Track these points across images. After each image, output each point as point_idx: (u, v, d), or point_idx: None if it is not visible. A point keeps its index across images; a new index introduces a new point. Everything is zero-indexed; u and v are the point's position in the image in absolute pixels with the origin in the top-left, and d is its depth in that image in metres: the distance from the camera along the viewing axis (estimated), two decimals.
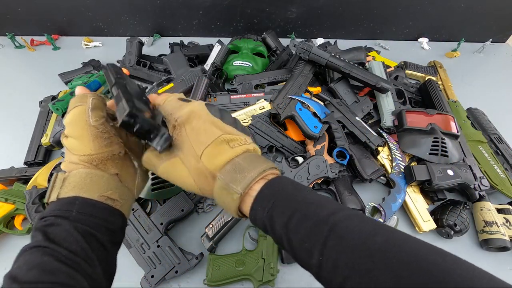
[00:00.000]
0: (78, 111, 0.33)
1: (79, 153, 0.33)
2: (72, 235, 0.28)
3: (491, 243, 0.56)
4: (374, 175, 0.63)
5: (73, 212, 0.30)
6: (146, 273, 0.50)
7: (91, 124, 0.32)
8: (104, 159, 0.33)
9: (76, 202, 0.31)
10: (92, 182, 0.32)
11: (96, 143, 0.33)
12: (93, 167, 0.33)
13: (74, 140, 0.33)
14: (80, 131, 0.33)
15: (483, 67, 1.01)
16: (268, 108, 0.71)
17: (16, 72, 0.92)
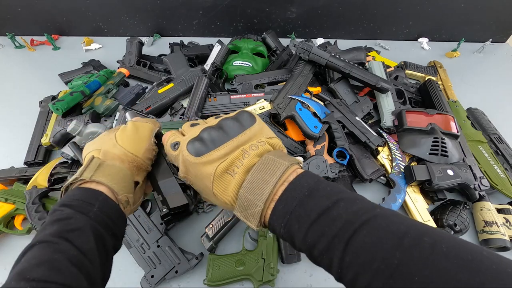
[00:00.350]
0: (150, 126, 0.39)
1: (129, 149, 0.35)
2: (85, 234, 0.28)
3: (491, 243, 0.56)
4: (374, 175, 0.63)
5: (95, 207, 0.30)
6: (146, 273, 0.50)
7: (151, 141, 0.38)
8: (139, 166, 0.37)
9: (100, 198, 0.31)
10: (124, 179, 0.34)
11: (146, 152, 0.37)
12: (127, 166, 0.35)
13: (133, 139, 0.37)
14: (143, 137, 0.38)
15: (483, 67, 1.01)
16: (268, 108, 0.71)
17: (16, 72, 0.92)
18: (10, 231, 0.56)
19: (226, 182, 0.30)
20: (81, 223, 0.29)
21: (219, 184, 0.31)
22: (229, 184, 0.30)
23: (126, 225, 0.35)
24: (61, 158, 0.64)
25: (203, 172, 0.31)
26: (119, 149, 0.35)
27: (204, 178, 0.31)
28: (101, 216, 0.30)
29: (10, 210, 0.56)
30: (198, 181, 0.33)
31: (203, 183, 0.32)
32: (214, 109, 0.73)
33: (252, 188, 0.29)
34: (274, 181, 0.28)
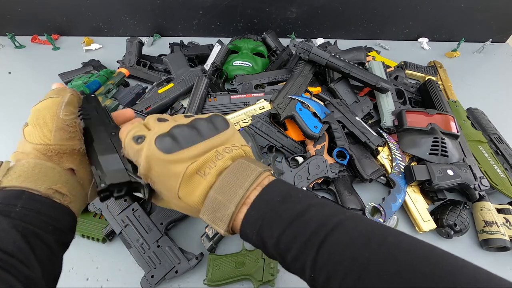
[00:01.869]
0: (51, 101, 0.33)
1: (35, 141, 0.31)
2: (9, 234, 0.26)
3: (491, 243, 0.56)
4: (374, 175, 0.63)
5: (17, 207, 0.28)
6: (146, 273, 0.50)
7: (59, 116, 0.32)
8: (61, 151, 0.32)
9: (23, 197, 0.28)
10: (41, 173, 0.30)
11: (58, 134, 0.31)
12: (45, 158, 0.31)
13: (35, 128, 0.31)
14: (44, 120, 0.32)
15: (483, 67, 1.01)
16: (268, 108, 0.71)
17: (16, 72, 0.92)
18: None
19: (194, 183, 0.29)
20: (3, 225, 0.26)
21: (186, 185, 0.29)
22: (198, 185, 0.29)
23: (72, 216, 0.32)
24: None
25: (171, 171, 0.29)
26: (28, 145, 0.31)
27: (170, 178, 0.29)
28: (28, 214, 0.28)
29: None
30: (161, 181, 0.30)
31: (167, 183, 0.29)
32: (214, 109, 0.73)
33: (224, 190, 0.28)
34: (247, 184, 0.28)
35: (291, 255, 0.26)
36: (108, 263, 0.54)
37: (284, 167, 0.61)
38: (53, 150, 0.31)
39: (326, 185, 0.65)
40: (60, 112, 0.32)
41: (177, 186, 0.29)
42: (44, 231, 0.28)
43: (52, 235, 0.29)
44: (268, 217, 0.28)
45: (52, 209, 0.30)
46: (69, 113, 0.33)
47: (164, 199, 0.32)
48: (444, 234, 0.58)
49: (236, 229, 0.30)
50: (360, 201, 0.62)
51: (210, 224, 0.29)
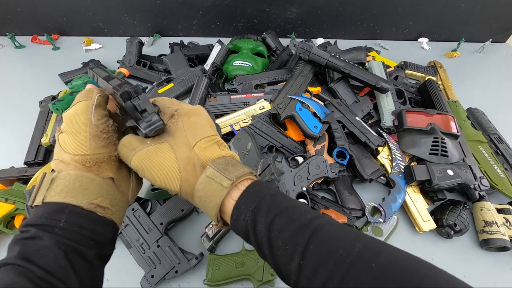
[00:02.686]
0: (82, 106, 0.32)
1: (72, 152, 0.30)
2: (51, 252, 0.26)
3: (491, 243, 0.56)
4: (374, 175, 0.63)
5: (61, 222, 0.28)
6: (146, 273, 0.50)
7: (92, 122, 0.31)
8: (99, 161, 0.31)
9: (66, 211, 0.28)
10: (82, 186, 0.30)
11: (93, 142, 0.31)
12: (85, 169, 0.31)
13: (70, 137, 0.31)
14: (78, 127, 0.31)
15: (483, 67, 1.01)
16: (268, 108, 0.71)
17: (16, 72, 0.92)
18: (10, 231, 0.56)
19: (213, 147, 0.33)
20: (46, 242, 0.26)
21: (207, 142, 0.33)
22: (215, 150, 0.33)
23: (114, 228, 0.32)
24: None
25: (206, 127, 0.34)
26: (66, 155, 0.31)
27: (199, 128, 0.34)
28: (70, 229, 0.28)
29: (10, 210, 0.56)
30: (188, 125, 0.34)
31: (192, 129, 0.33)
32: (214, 109, 0.73)
33: (238, 162, 0.33)
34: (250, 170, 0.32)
35: (283, 238, 0.27)
36: (108, 263, 0.54)
37: (284, 167, 0.61)
38: (91, 161, 0.31)
39: (326, 185, 0.65)
40: (91, 117, 0.31)
41: (203, 136, 0.33)
42: (85, 246, 0.29)
43: (93, 249, 0.29)
44: (267, 197, 0.29)
45: (94, 223, 0.30)
46: (100, 116, 0.32)
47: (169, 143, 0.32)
48: (444, 234, 0.57)
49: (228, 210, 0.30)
50: (360, 201, 0.62)
51: (211, 178, 0.30)
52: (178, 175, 0.31)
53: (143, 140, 0.33)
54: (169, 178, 0.31)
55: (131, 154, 0.32)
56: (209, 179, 0.30)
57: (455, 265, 0.56)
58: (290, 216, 0.28)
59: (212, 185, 0.30)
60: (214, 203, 0.30)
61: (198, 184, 0.31)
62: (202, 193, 0.30)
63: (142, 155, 0.32)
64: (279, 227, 0.27)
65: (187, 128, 0.33)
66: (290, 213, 0.28)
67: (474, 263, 0.56)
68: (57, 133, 0.33)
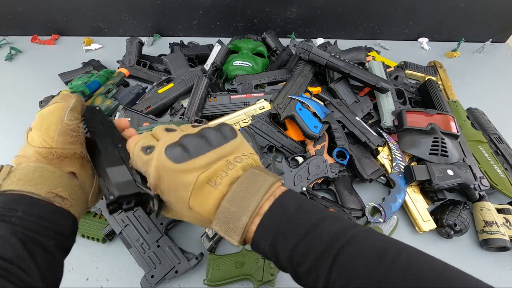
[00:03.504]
0: (56, 106, 0.33)
1: (37, 145, 0.31)
2: (7, 241, 0.26)
3: (491, 243, 0.56)
4: (374, 175, 0.63)
5: (18, 211, 0.27)
6: (146, 273, 0.50)
7: (63, 121, 0.32)
8: (63, 155, 0.32)
9: (23, 201, 0.28)
10: (41, 176, 0.30)
11: (61, 138, 0.32)
12: (46, 162, 0.31)
13: (38, 132, 0.32)
14: (48, 124, 0.32)
15: (483, 67, 1.01)
16: (268, 108, 0.71)
17: (16, 72, 0.92)
18: None
19: (206, 193, 0.28)
20: (1, 231, 0.26)
21: (198, 195, 0.28)
22: (209, 195, 0.28)
23: (73, 220, 0.32)
24: None
25: (181, 181, 0.28)
26: (30, 148, 0.32)
27: (180, 188, 0.28)
28: (28, 219, 0.28)
29: None
30: (171, 192, 0.29)
31: (177, 194, 0.29)
32: (214, 109, 0.73)
33: (237, 200, 0.28)
34: (261, 194, 0.28)
35: (304, 268, 0.26)
36: (108, 263, 0.54)
37: (284, 167, 0.61)
38: (55, 154, 0.31)
39: (326, 185, 0.65)
40: (64, 117, 0.32)
41: (188, 196, 0.28)
42: (45, 236, 0.28)
43: (53, 240, 0.29)
44: (282, 228, 0.27)
45: (53, 214, 0.30)
46: (73, 118, 0.33)
47: (174, 210, 0.32)
48: (444, 234, 0.58)
49: (248, 240, 0.29)
50: (360, 201, 0.62)
51: (222, 235, 0.29)
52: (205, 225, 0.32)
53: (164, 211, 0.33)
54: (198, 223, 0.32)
55: None
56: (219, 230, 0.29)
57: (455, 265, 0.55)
58: (309, 244, 0.26)
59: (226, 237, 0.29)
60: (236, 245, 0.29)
61: None
62: None
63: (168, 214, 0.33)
64: (300, 258, 0.26)
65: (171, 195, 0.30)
66: (308, 240, 0.26)
67: (474, 263, 0.56)
68: (27, 131, 0.33)
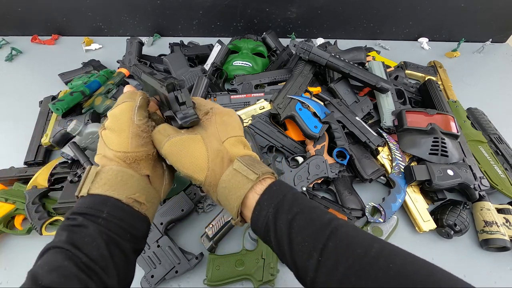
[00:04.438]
0: (126, 106, 0.34)
1: (115, 148, 0.33)
2: (95, 241, 0.28)
3: (491, 243, 0.56)
4: (374, 175, 0.63)
5: (104, 213, 0.30)
6: (146, 273, 0.50)
7: (134, 122, 0.34)
8: (138, 158, 0.34)
9: (108, 203, 0.30)
10: (122, 181, 0.32)
11: (134, 141, 0.33)
12: (126, 166, 0.33)
13: (113, 134, 0.34)
14: (122, 126, 0.34)
15: (483, 67, 1.01)
16: (268, 108, 0.71)
17: (16, 72, 0.92)
18: (10, 231, 0.56)
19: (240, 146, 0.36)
20: (91, 231, 0.28)
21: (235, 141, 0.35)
22: (242, 148, 0.35)
23: (147, 224, 0.34)
24: (61, 158, 0.64)
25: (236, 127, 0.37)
26: (109, 151, 0.33)
27: (229, 127, 0.36)
28: (112, 221, 0.30)
29: (10, 210, 0.56)
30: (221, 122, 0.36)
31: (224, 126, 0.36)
32: None
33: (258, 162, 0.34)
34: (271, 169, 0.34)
35: (303, 235, 0.28)
36: None
37: (284, 167, 0.61)
38: (131, 158, 0.33)
39: (326, 185, 0.65)
40: (134, 117, 0.34)
41: (232, 135, 0.35)
42: (123, 239, 0.30)
43: (129, 242, 0.31)
44: (288, 196, 0.30)
45: (132, 217, 0.32)
46: (142, 117, 0.35)
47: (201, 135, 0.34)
48: (444, 234, 0.58)
49: (247, 207, 0.31)
50: (360, 201, 0.62)
51: (237, 172, 0.32)
52: (206, 165, 0.33)
53: (178, 130, 0.35)
54: (197, 166, 0.33)
55: (165, 140, 0.34)
56: (235, 172, 0.32)
57: (455, 265, 0.56)
58: (311, 215, 0.29)
59: (238, 178, 0.31)
60: (238, 195, 0.31)
61: (224, 176, 0.32)
62: (227, 184, 0.32)
63: (175, 142, 0.34)
64: (300, 224, 0.28)
65: (219, 125, 0.35)
66: (311, 212, 0.29)
67: (474, 263, 0.56)
68: (100, 129, 0.35)
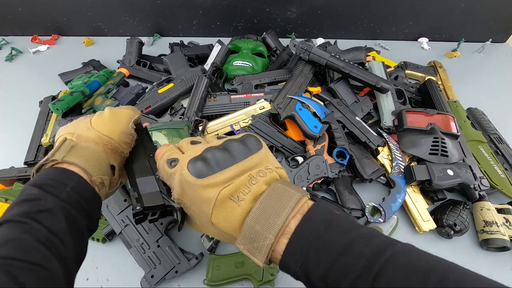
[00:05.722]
0: (128, 112, 0.40)
1: (104, 132, 0.35)
2: (56, 215, 0.28)
3: (491, 243, 0.56)
4: (374, 175, 0.63)
5: (68, 187, 0.30)
6: (146, 273, 0.50)
7: (128, 125, 0.38)
8: (115, 149, 0.36)
9: (74, 179, 0.31)
10: (97, 160, 0.34)
11: (122, 136, 0.37)
12: (101, 149, 0.35)
13: (109, 122, 0.37)
14: (120, 120, 0.38)
15: (483, 67, 1.01)
16: (268, 108, 0.71)
17: (16, 72, 0.92)
18: None
19: (229, 209, 0.27)
20: (51, 204, 0.28)
21: (220, 211, 0.27)
22: (232, 211, 0.27)
23: (100, 207, 0.35)
24: None
25: (203, 196, 0.27)
26: (93, 132, 0.35)
27: (202, 203, 0.28)
28: (74, 196, 0.30)
29: None
30: (194, 206, 0.29)
31: (200, 208, 0.28)
32: (214, 109, 0.73)
33: (262, 218, 0.26)
34: (287, 212, 0.26)
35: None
36: (108, 263, 0.54)
37: (284, 167, 0.61)
38: (113, 145, 0.36)
39: (326, 185, 0.65)
40: (130, 123, 0.39)
41: (210, 212, 0.27)
42: (81, 216, 0.31)
43: (85, 221, 0.32)
44: (313, 247, 0.25)
45: (92, 198, 0.33)
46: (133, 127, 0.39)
47: (198, 224, 0.33)
48: (444, 234, 0.58)
49: (275, 260, 0.27)
50: (360, 201, 0.62)
51: (247, 254, 0.27)
52: (229, 241, 0.31)
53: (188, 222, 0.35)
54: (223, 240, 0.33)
55: None
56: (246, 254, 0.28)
57: None
58: (345, 267, 0.24)
59: (251, 256, 0.27)
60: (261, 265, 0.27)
61: None
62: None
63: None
64: (335, 280, 0.24)
65: (194, 209, 0.30)
66: (344, 261, 0.24)
67: (474, 263, 0.56)
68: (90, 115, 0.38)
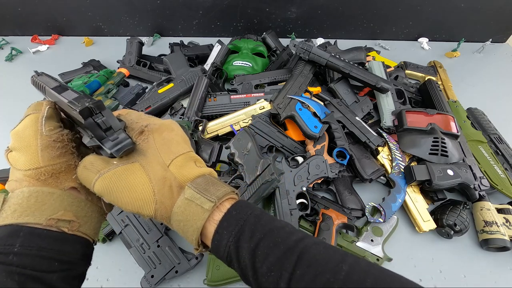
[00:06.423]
0: (30, 119, 0.29)
1: (23, 167, 0.28)
2: (4, 285, 0.23)
3: (491, 243, 0.56)
4: (374, 175, 0.63)
5: (16, 247, 0.25)
6: (146, 273, 0.50)
7: (43, 133, 0.28)
8: (56, 171, 0.28)
9: (21, 234, 0.25)
10: (38, 202, 0.27)
11: (46, 153, 0.28)
12: (40, 184, 0.28)
13: (19, 153, 0.28)
14: (27, 141, 0.28)
15: (483, 67, 1.01)
16: (268, 108, 0.71)
17: (16, 73, 0.92)
18: None
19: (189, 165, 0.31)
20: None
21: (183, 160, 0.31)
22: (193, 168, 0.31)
23: (87, 243, 0.30)
24: None
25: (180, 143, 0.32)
26: (17, 172, 0.28)
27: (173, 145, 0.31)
28: (28, 254, 0.25)
29: None
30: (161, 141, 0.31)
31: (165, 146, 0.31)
32: (214, 109, 0.73)
33: (218, 180, 0.31)
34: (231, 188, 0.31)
35: (268, 264, 0.25)
36: (108, 263, 0.54)
37: (284, 167, 0.61)
38: (46, 173, 0.28)
39: (326, 185, 0.65)
40: (42, 128, 0.28)
41: (178, 154, 0.30)
42: (46, 271, 0.26)
43: (58, 272, 0.26)
44: (250, 220, 0.27)
45: (55, 242, 0.27)
46: (52, 127, 0.29)
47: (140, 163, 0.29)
48: (444, 234, 0.58)
49: (206, 236, 0.28)
50: (360, 201, 0.62)
51: (190, 201, 0.28)
52: (153, 198, 0.28)
53: (109, 161, 0.29)
54: (142, 202, 0.28)
55: (94, 177, 0.28)
56: (188, 202, 0.28)
57: (455, 265, 0.56)
58: (275, 240, 0.26)
59: (192, 208, 0.27)
60: (195, 227, 0.27)
61: (176, 208, 0.28)
62: (181, 217, 0.28)
63: (109, 178, 0.28)
64: (264, 252, 0.25)
65: (159, 145, 0.30)
66: (275, 236, 0.26)
67: (474, 263, 0.56)
68: (5, 153, 0.29)
